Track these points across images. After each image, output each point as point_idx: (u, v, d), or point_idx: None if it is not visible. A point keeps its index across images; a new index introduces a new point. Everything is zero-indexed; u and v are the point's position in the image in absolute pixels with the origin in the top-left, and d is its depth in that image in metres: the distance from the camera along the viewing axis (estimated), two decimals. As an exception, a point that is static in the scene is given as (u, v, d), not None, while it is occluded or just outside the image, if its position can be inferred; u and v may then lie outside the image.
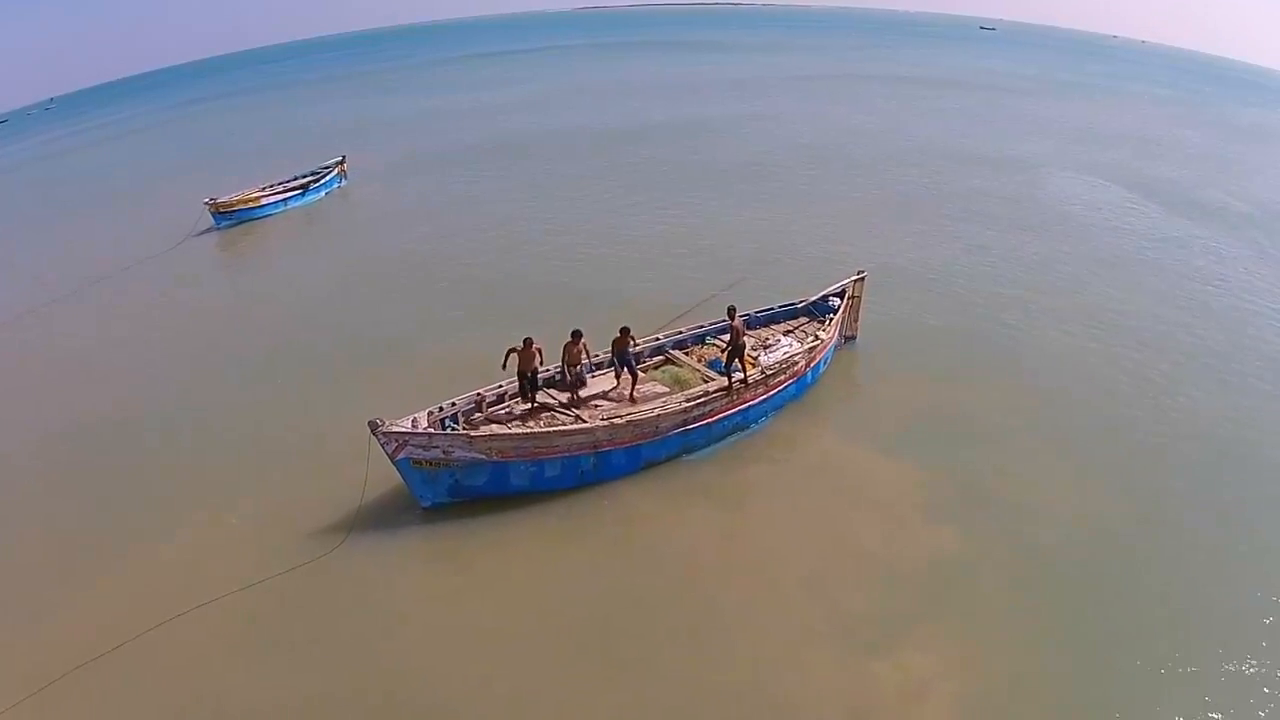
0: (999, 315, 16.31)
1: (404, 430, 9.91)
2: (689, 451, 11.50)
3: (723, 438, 11.82)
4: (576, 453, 10.59)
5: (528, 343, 11.04)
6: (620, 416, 11.00)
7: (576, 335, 11.59)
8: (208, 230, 24.71)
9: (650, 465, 11.17)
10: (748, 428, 12.11)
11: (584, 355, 11.72)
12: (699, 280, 17.48)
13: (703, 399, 11.42)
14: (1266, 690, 7.82)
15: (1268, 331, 16.04)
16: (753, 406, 12.06)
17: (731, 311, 11.78)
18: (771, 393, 12.27)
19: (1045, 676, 8.03)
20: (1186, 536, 10.06)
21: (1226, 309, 17.14)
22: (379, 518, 10.31)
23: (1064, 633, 8.48)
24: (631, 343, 11.88)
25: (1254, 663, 8.13)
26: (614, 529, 10.13)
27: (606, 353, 12.43)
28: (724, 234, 21.28)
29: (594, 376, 12.34)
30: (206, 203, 24.81)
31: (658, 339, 13.23)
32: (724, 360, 11.78)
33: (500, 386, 11.53)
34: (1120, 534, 9.94)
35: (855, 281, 14.40)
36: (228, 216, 25.07)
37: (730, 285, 16.84)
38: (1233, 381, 13.89)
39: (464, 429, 10.71)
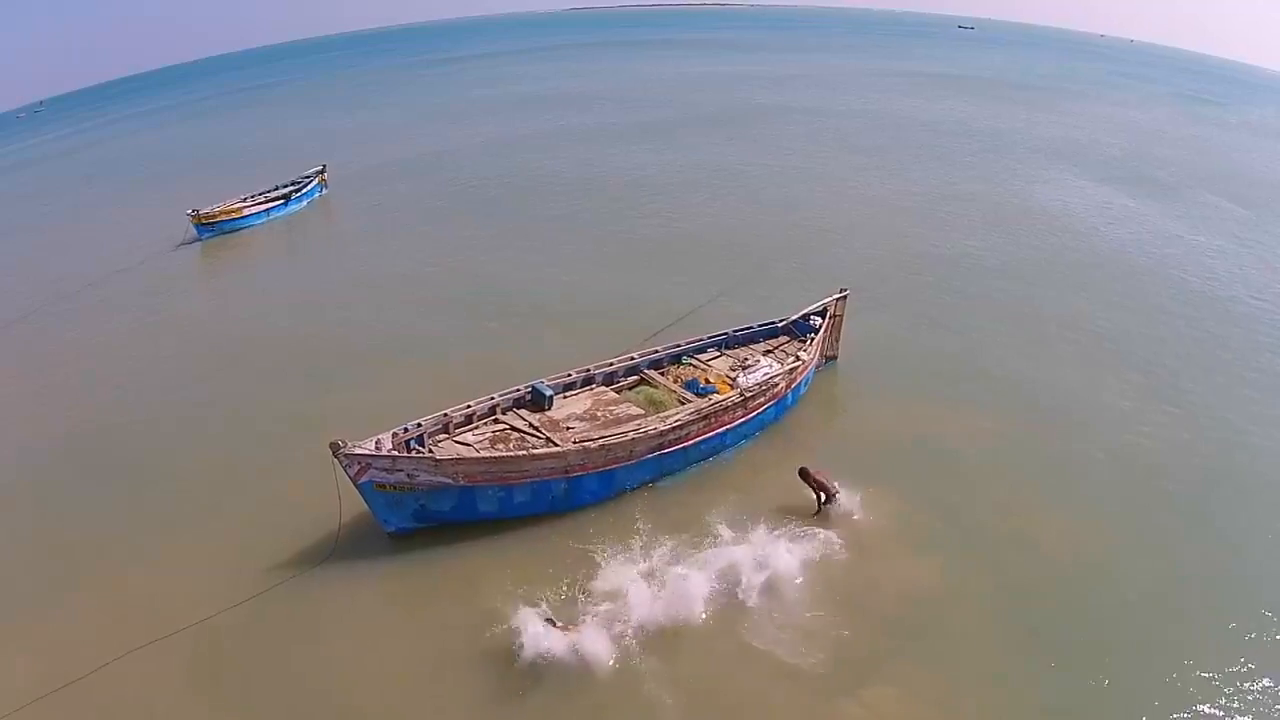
0: (985, 333, 16.12)
1: (366, 453, 9.66)
2: (663, 476, 11.26)
3: (698, 461, 11.58)
4: (547, 477, 10.34)
5: None
6: (593, 440, 10.76)
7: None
8: (190, 242, 24.43)
9: (623, 492, 10.91)
10: (725, 451, 11.87)
11: None
12: (676, 296, 17.22)
13: (678, 422, 11.17)
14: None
15: (1270, 349, 15.84)
16: (730, 430, 11.81)
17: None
18: (750, 415, 12.04)
19: (1021, 716, 7.82)
20: (1175, 571, 9.82)
21: (1227, 323, 16.97)
22: (346, 544, 10.05)
23: (1043, 672, 8.26)
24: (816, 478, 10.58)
25: (1242, 703, 7.93)
26: (582, 560, 9.78)
27: (580, 372, 12.44)
28: (701, 246, 21.08)
29: (564, 397, 12.11)
30: (189, 214, 24.54)
31: (632, 358, 12.97)
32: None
33: (468, 407, 11.29)
34: (1106, 569, 9.69)
35: (837, 300, 14.20)
36: (210, 228, 24.78)
37: (705, 302, 16.64)
38: (1233, 401, 13.72)
39: (429, 451, 10.45)
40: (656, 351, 13.29)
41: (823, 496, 10.42)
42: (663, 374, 12.88)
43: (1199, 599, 9.36)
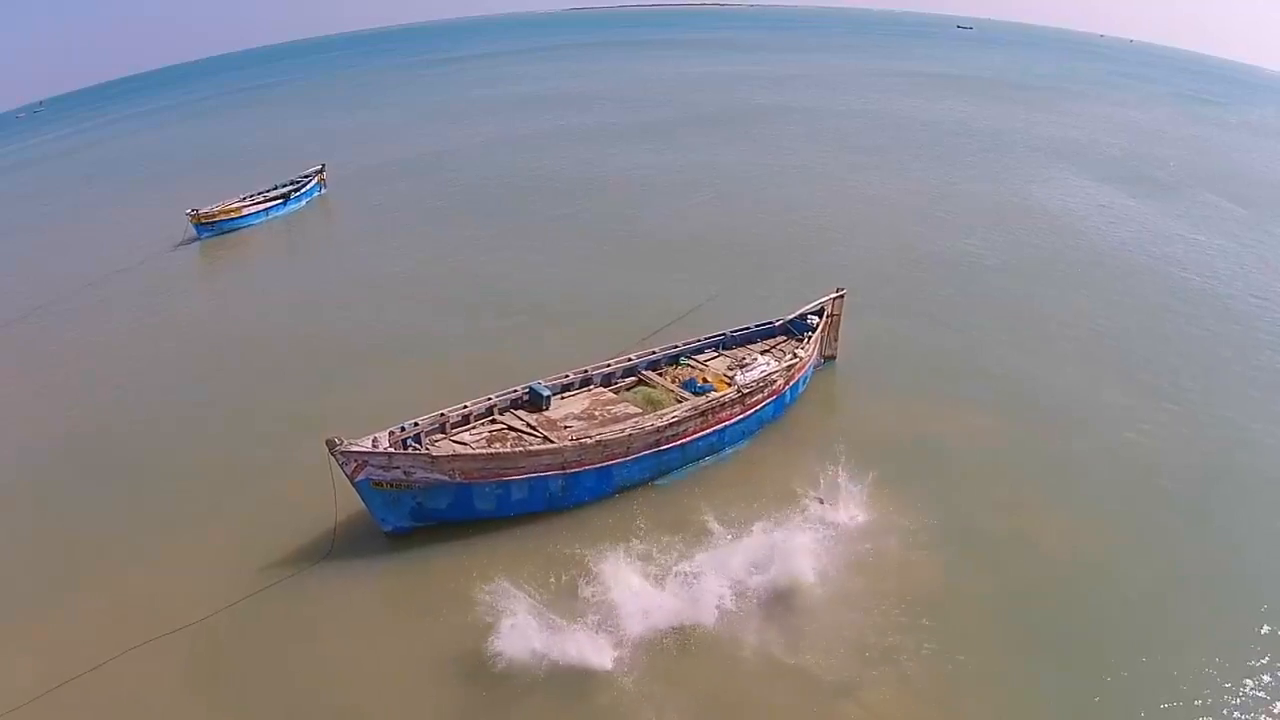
0: (985, 332, 16.07)
1: (362, 450, 9.65)
2: (662, 474, 11.23)
3: (697, 459, 11.56)
4: (544, 473, 10.32)
5: None
6: (589, 436, 10.75)
7: None
8: (190, 241, 24.45)
9: (623, 489, 10.89)
10: (723, 450, 11.84)
11: None
12: (674, 296, 17.16)
13: (676, 418, 11.14)
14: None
15: (1271, 346, 15.79)
16: (729, 427, 11.78)
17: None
18: (749, 412, 12.01)
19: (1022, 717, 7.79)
20: (1176, 569, 9.76)
21: (1227, 321, 16.92)
22: (343, 543, 10.04)
23: (1043, 672, 8.21)
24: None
25: (1244, 701, 7.88)
26: (581, 559, 9.70)
27: (578, 373, 12.36)
28: (700, 246, 21.03)
29: (562, 398, 12.09)
30: (189, 213, 24.56)
31: (630, 359, 12.94)
32: None
33: (465, 407, 11.27)
34: (1107, 568, 9.61)
35: (834, 299, 14.17)
36: (209, 228, 24.80)
37: (704, 301, 16.62)
38: (1234, 399, 13.66)
39: (426, 449, 10.44)
40: (654, 353, 13.25)
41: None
42: (660, 375, 12.86)
43: (1200, 598, 9.30)
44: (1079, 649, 8.46)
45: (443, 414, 11.06)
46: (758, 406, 12.14)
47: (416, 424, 10.73)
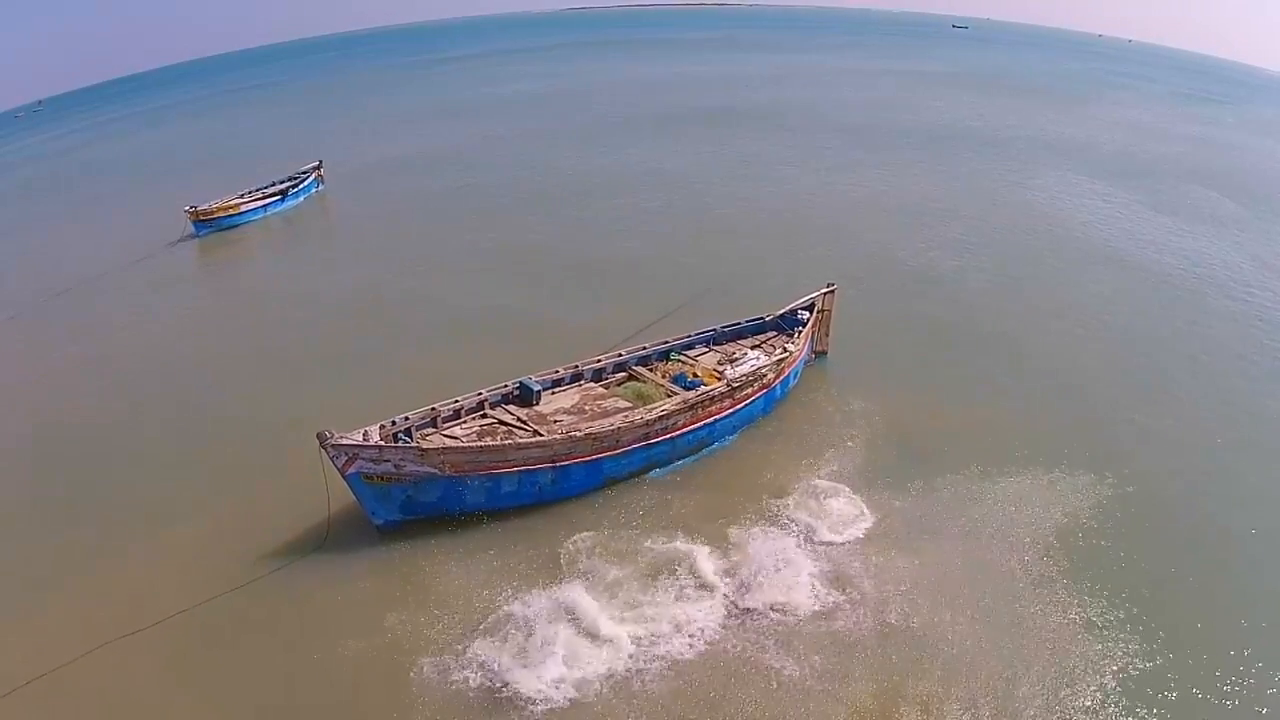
0: (980, 328, 16.18)
1: (353, 443, 9.75)
2: (652, 468, 11.32)
3: (687, 454, 11.64)
4: (534, 467, 10.42)
5: None
6: (579, 429, 10.85)
7: None
8: (188, 238, 24.54)
9: (612, 482, 10.99)
10: (713, 444, 11.93)
11: None
12: (668, 293, 17.27)
13: (665, 411, 11.23)
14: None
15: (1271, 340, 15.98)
16: (718, 421, 11.87)
17: None
18: (738, 406, 12.10)
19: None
20: (1178, 566, 9.77)
21: (1229, 315, 17.10)
22: (336, 536, 10.15)
23: (1043, 671, 8.22)
24: None
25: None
26: (571, 554, 9.79)
27: (569, 368, 12.47)
28: (683, 243, 21.16)
29: (552, 393, 12.19)
30: (187, 210, 24.65)
31: (620, 355, 13.04)
32: None
33: (456, 402, 11.38)
34: (1106, 567, 9.59)
35: (824, 294, 14.26)
36: (208, 224, 24.88)
37: (693, 298, 16.71)
38: (1233, 394, 13.82)
39: (416, 442, 10.53)
40: (644, 348, 13.35)
41: None
42: (651, 370, 12.95)
43: (1202, 591, 9.31)
44: (1079, 651, 8.41)
45: (434, 408, 11.16)
46: (747, 401, 12.22)
47: (407, 418, 10.83)
